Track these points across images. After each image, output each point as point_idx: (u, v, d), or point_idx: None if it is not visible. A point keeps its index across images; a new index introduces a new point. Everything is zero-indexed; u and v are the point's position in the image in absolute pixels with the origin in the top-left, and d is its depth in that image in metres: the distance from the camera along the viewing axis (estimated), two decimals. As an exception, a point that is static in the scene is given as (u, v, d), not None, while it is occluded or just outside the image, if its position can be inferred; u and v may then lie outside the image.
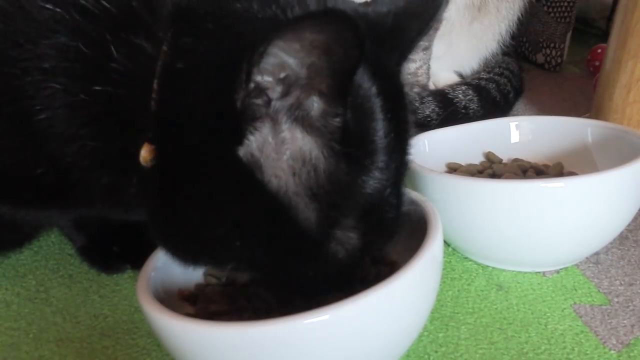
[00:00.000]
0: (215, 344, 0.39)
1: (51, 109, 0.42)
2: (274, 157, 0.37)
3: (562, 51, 1.27)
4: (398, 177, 0.43)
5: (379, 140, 0.39)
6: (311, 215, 0.39)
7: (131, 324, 0.56)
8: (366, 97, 0.38)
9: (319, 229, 0.39)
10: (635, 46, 0.74)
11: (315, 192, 0.38)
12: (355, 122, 0.37)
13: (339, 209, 0.39)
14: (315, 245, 0.40)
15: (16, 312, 0.59)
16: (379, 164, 0.39)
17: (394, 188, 0.42)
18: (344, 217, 0.40)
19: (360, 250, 0.42)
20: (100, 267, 0.65)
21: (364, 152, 0.39)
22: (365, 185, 0.39)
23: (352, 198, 0.39)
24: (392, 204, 0.43)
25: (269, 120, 0.36)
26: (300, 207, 0.38)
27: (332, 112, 0.36)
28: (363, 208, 0.40)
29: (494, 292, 0.58)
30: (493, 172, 0.69)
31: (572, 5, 1.23)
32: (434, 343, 0.52)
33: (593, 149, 0.69)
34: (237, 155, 0.37)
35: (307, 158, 0.38)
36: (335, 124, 0.36)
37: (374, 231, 0.42)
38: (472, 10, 1.07)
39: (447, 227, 0.54)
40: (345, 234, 0.41)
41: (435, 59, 1.09)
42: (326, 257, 0.41)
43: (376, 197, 0.40)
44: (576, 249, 0.60)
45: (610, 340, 0.51)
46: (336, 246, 0.41)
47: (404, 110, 0.44)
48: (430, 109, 0.97)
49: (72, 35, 0.41)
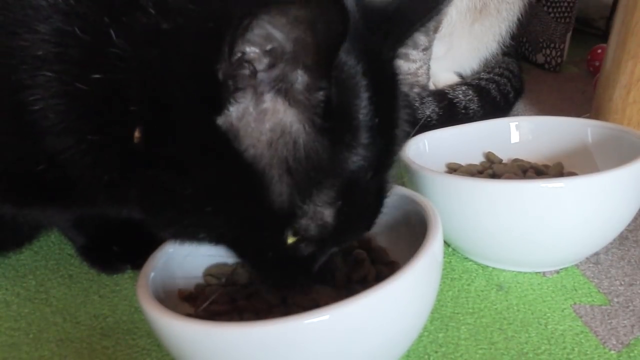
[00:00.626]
0: (215, 344, 0.39)
1: (45, 99, 0.41)
2: (253, 128, 0.37)
3: (562, 51, 1.27)
4: (382, 164, 0.43)
5: (361, 118, 0.39)
6: (284, 188, 0.39)
7: (131, 324, 0.56)
8: (351, 75, 0.38)
9: (291, 201, 0.39)
10: (635, 46, 0.74)
11: (290, 164, 0.38)
12: (339, 97, 0.37)
13: (314, 183, 0.39)
14: (285, 219, 0.40)
15: (16, 312, 0.59)
16: (361, 142, 0.39)
17: (376, 174, 0.42)
18: (319, 192, 0.39)
19: (333, 232, 0.42)
20: (100, 267, 0.65)
21: (346, 128, 0.39)
22: (344, 162, 0.39)
23: (330, 174, 0.39)
24: (373, 190, 0.43)
25: (251, 91, 0.36)
26: (273, 179, 0.38)
27: (315, 86, 0.36)
28: (341, 186, 0.40)
29: (494, 292, 0.58)
30: (493, 172, 0.69)
31: (572, 5, 1.23)
32: (434, 343, 0.52)
33: (593, 149, 0.69)
34: (215, 123, 0.37)
35: (286, 130, 0.38)
36: (318, 98, 0.37)
37: (350, 215, 0.42)
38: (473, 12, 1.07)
39: (447, 227, 0.54)
40: (318, 210, 0.40)
41: (435, 60, 1.09)
42: (296, 232, 0.41)
43: (355, 177, 0.40)
44: (576, 249, 0.60)
45: (610, 341, 0.51)
46: (307, 221, 0.41)
47: (393, 99, 0.44)
48: (430, 109, 0.96)
49: (67, 20, 0.40)
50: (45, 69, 0.41)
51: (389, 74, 0.45)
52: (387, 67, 0.44)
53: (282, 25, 0.33)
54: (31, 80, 0.41)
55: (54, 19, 0.40)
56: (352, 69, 0.38)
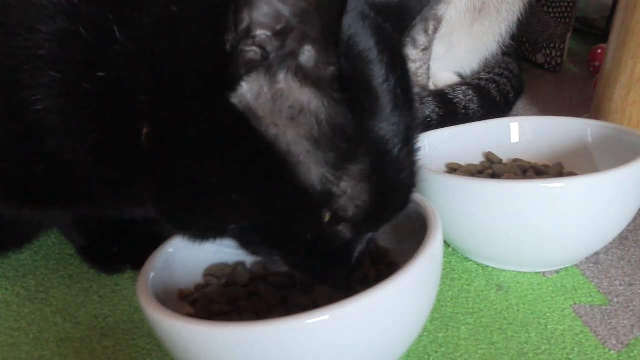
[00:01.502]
0: (215, 344, 0.39)
1: (48, 99, 0.41)
2: (271, 106, 0.37)
3: (562, 51, 1.27)
4: (408, 136, 0.42)
5: (380, 86, 0.39)
6: (313, 166, 0.38)
7: (131, 324, 0.56)
8: (364, 47, 0.39)
9: (322, 181, 0.38)
10: (635, 46, 0.74)
11: (316, 140, 0.37)
12: (352, 67, 0.37)
13: (345, 156, 0.38)
14: (320, 199, 0.39)
15: (16, 312, 0.59)
16: (384, 110, 0.39)
17: (405, 146, 0.41)
18: (352, 166, 0.39)
19: (370, 211, 0.41)
20: (101, 267, 0.65)
21: (365, 97, 0.38)
22: (372, 130, 0.39)
23: (359, 144, 0.38)
24: (405, 164, 0.42)
25: (264, 71, 0.36)
26: (300, 157, 0.37)
27: (325, 60, 0.36)
28: (372, 157, 0.39)
29: (494, 292, 0.58)
30: (493, 173, 0.69)
31: (572, 5, 1.23)
32: (434, 343, 0.52)
33: (593, 149, 0.69)
34: (230, 102, 0.36)
35: (305, 107, 0.37)
36: (330, 72, 0.36)
37: (385, 191, 0.41)
38: (473, 12, 1.07)
39: (447, 227, 0.54)
40: (354, 186, 0.39)
41: (435, 60, 1.09)
42: (335, 214, 0.40)
43: (385, 147, 0.40)
44: (576, 249, 0.60)
45: (610, 341, 0.51)
46: (345, 201, 0.39)
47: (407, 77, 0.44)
48: (430, 109, 0.96)
49: (71, 20, 0.40)
50: (49, 69, 0.40)
51: (400, 56, 0.45)
52: (397, 49, 0.45)
53: None
54: (33, 81, 0.41)
55: (57, 19, 0.40)
56: (364, 41, 0.39)
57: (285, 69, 0.37)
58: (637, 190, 0.57)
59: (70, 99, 0.41)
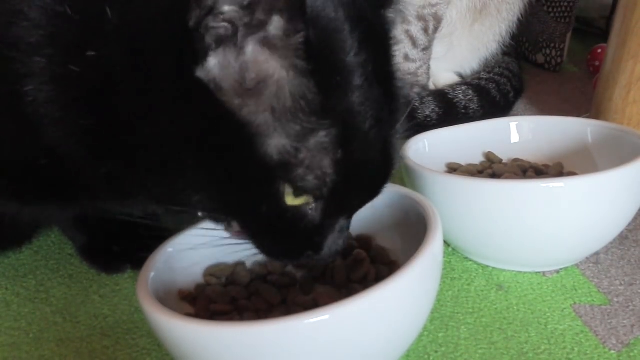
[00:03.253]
0: (215, 344, 0.39)
1: (38, 88, 0.41)
2: (236, 79, 0.37)
3: (562, 51, 1.27)
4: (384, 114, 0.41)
5: (350, 59, 0.38)
6: (273, 136, 0.38)
7: (131, 324, 0.56)
8: (334, 18, 0.38)
9: (282, 148, 0.38)
10: (635, 46, 0.74)
11: (278, 110, 0.37)
12: (320, 38, 0.37)
13: (307, 128, 0.38)
14: (278, 168, 0.38)
15: (16, 312, 0.59)
16: (353, 84, 0.38)
17: (378, 124, 0.40)
18: (313, 137, 0.38)
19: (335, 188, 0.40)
20: (101, 267, 0.65)
21: (333, 69, 0.38)
22: (337, 105, 0.38)
23: (323, 117, 0.38)
24: (376, 144, 0.41)
25: (232, 45, 0.36)
26: (260, 127, 0.37)
27: (292, 29, 0.36)
28: (337, 132, 0.38)
29: (494, 292, 0.58)
30: (493, 172, 0.69)
31: (572, 5, 1.23)
32: (434, 343, 0.52)
33: (593, 149, 0.69)
34: (195, 75, 0.36)
35: (270, 79, 0.37)
36: (297, 40, 0.36)
37: (352, 170, 0.40)
38: (474, 12, 1.07)
39: (447, 227, 0.54)
40: (315, 158, 0.39)
41: (435, 60, 1.09)
42: (292, 183, 0.39)
43: (353, 123, 0.39)
44: (576, 249, 0.60)
45: (610, 340, 0.51)
46: (304, 171, 0.39)
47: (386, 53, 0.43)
48: (430, 109, 0.97)
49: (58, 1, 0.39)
50: (38, 55, 0.40)
51: (379, 31, 0.44)
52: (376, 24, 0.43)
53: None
54: (25, 69, 0.40)
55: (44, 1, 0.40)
56: (333, 12, 0.38)
57: (253, 41, 0.36)
58: (637, 190, 0.57)
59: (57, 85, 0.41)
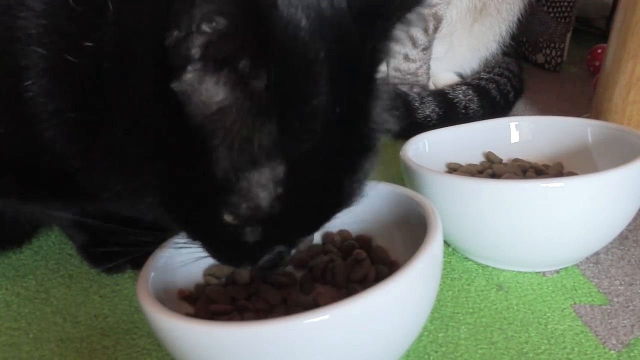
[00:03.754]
0: (215, 344, 0.39)
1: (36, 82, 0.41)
2: (204, 96, 0.37)
3: (562, 51, 1.27)
4: (344, 159, 0.42)
5: (313, 104, 0.38)
6: (222, 160, 0.38)
7: (131, 324, 0.56)
8: (307, 60, 0.38)
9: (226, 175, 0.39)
10: (635, 46, 0.74)
11: (230, 138, 0.38)
12: (288, 83, 0.37)
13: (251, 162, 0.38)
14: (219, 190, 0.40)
15: (16, 312, 0.59)
16: (310, 129, 0.38)
17: (333, 169, 0.41)
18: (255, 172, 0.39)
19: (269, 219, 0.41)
20: (101, 266, 0.65)
21: (293, 113, 0.38)
22: (288, 147, 0.38)
23: (270, 156, 0.38)
24: (325, 186, 0.42)
25: (204, 62, 0.37)
26: (214, 149, 0.38)
27: (256, 68, 0.36)
28: (282, 172, 0.39)
29: (494, 292, 0.58)
30: (493, 172, 0.69)
31: (572, 5, 1.23)
32: (433, 343, 0.52)
33: (593, 149, 0.69)
34: (171, 86, 0.37)
35: (232, 105, 0.37)
36: (260, 83, 0.36)
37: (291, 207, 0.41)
38: (474, 12, 1.07)
39: (447, 227, 0.54)
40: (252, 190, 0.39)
41: (435, 60, 1.09)
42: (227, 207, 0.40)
43: (301, 166, 0.39)
44: (576, 249, 0.60)
45: (610, 340, 0.51)
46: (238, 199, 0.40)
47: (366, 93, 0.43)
48: (430, 109, 0.97)
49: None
50: (36, 45, 0.41)
51: (366, 67, 0.43)
52: (365, 58, 0.42)
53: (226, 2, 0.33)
54: (25, 61, 0.41)
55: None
56: (310, 54, 0.38)
57: (221, 70, 0.37)
58: (637, 190, 0.57)
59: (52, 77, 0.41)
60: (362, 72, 0.43)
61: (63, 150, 0.44)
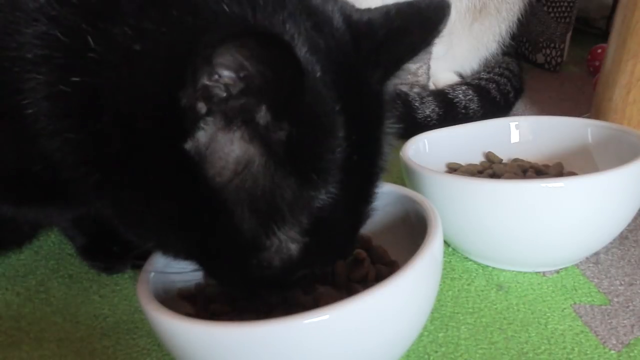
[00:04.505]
0: (215, 344, 0.39)
1: (36, 103, 0.41)
2: (220, 156, 0.37)
3: (562, 51, 1.27)
4: (358, 200, 0.42)
5: (332, 157, 0.38)
6: (246, 220, 0.38)
7: (131, 324, 0.56)
8: (324, 113, 0.37)
9: (254, 234, 0.39)
10: (635, 46, 0.74)
11: (254, 198, 0.38)
12: (304, 137, 0.37)
13: (278, 219, 0.39)
14: (246, 250, 0.40)
15: (16, 312, 0.59)
16: (330, 182, 0.38)
17: (351, 211, 0.42)
18: (285, 227, 0.39)
19: (298, 263, 0.42)
20: (101, 267, 0.65)
21: (312, 167, 0.38)
22: (312, 199, 0.39)
23: (295, 211, 0.39)
24: (345, 226, 0.42)
25: (221, 117, 0.36)
26: (236, 209, 0.38)
27: (277, 125, 0.36)
28: (308, 223, 0.39)
29: (494, 292, 0.58)
30: (493, 172, 0.69)
31: (572, 5, 1.23)
32: (434, 343, 0.52)
33: (593, 149, 0.69)
34: (183, 147, 0.37)
35: (250, 164, 0.37)
36: (279, 138, 0.36)
37: (319, 249, 0.42)
38: (473, 12, 1.07)
39: (447, 227, 0.54)
40: (282, 245, 0.40)
41: (435, 60, 1.09)
42: (259, 263, 0.41)
43: (324, 215, 0.39)
44: (576, 248, 0.60)
45: (610, 340, 0.51)
46: (271, 255, 0.40)
47: (377, 131, 0.43)
48: (430, 109, 0.97)
49: (51, 24, 0.40)
50: (35, 72, 0.40)
51: (376, 106, 0.43)
52: (374, 97, 0.43)
53: (247, 58, 0.33)
54: (24, 84, 0.41)
55: (40, 22, 0.40)
56: (327, 107, 0.38)
57: (240, 122, 0.36)
58: (637, 190, 0.57)
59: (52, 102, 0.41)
60: (374, 112, 0.43)
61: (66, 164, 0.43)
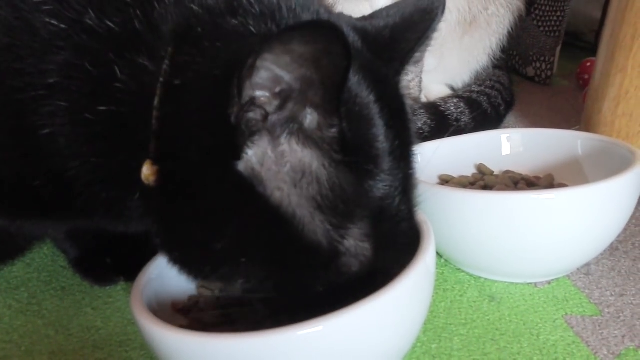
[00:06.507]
0: (208, 356, 0.39)
1: (55, 126, 0.42)
2: (275, 170, 0.37)
3: (552, 64, 1.29)
4: (407, 185, 0.43)
5: (380, 145, 0.39)
6: (318, 227, 0.39)
7: (124, 337, 0.56)
8: (364, 105, 0.39)
9: (328, 240, 0.39)
10: (623, 60, 0.75)
11: (319, 202, 0.38)
12: (354, 130, 0.38)
13: (347, 217, 0.39)
14: (325, 259, 0.40)
15: (8, 325, 0.59)
16: (384, 168, 0.39)
17: (403, 196, 0.42)
18: (353, 226, 0.40)
19: (374, 262, 0.41)
20: (93, 279, 0.65)
21: (366, 158, 0.39)
22: (372, 190, 0.39)
23: (360, 204, 0.39)
24: (404, 213, 0.42)
25: (266, 133, 0.37)
26: (305, 220, 0.38)
27: (327, 124, 0.37)
28: (373, 215, 0.40)
29: (487, 303, 0.59)
30: (485, 184, 0.69)
31: (562, 19, 1.25)
32: (427, 354, 0.52)
33: (583, 161, 0.69)
34: (236, 169, 0.37)
35: (307, 169, 0.38)
36: (331, 135, 0.37)
37: (387, 242, 0.42)
38: (464, 25, 1.08)
39: (440, 239, 0.54)
40: (357, 245, 0.40)
41: (426, 72, 1.09)
42: (338, 271, 0.40)
43: (386, 203, 0.40)
44: (567, 259, 0.60)
45: (602, 351, 0.51)
46: (349, 259, 0.40)
47: (405, 119, 0.45)
48: (422, 121, 0.97)
49: (76, 54, 0.41)
50: (56, 98, 0.41)
51: (399, 97, 0.45)
52: (395, 90, 0.45)
53: (287, 64, 0.33)
54: (40, 107, 0.42)
55: (65, 51, 0.41)
56: (365, 100, 0.39)
57: (288, 132, 0.37)
58: (627, 202, 0.58)
59: (75, 127, 0.42)
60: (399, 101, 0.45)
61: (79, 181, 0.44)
